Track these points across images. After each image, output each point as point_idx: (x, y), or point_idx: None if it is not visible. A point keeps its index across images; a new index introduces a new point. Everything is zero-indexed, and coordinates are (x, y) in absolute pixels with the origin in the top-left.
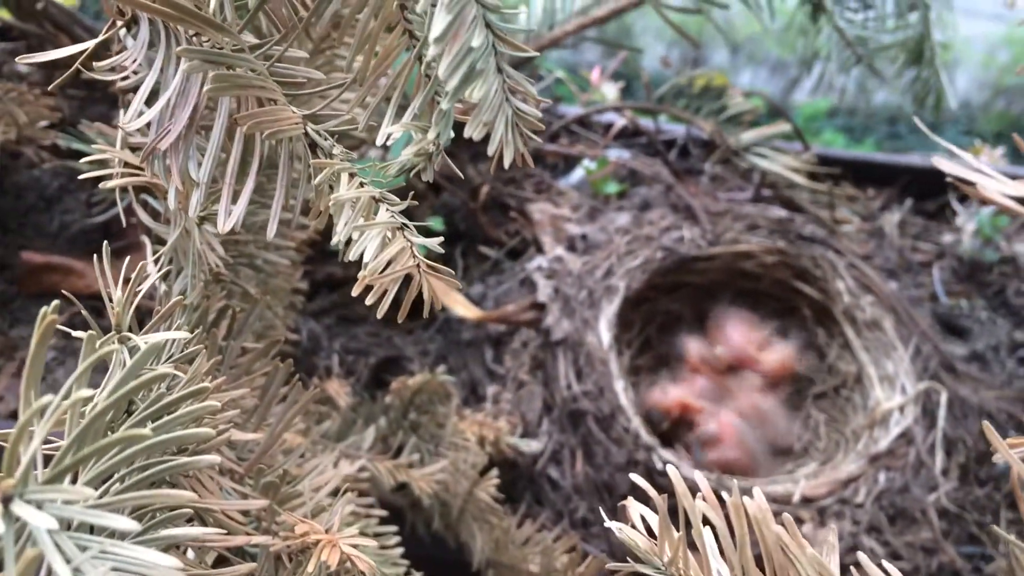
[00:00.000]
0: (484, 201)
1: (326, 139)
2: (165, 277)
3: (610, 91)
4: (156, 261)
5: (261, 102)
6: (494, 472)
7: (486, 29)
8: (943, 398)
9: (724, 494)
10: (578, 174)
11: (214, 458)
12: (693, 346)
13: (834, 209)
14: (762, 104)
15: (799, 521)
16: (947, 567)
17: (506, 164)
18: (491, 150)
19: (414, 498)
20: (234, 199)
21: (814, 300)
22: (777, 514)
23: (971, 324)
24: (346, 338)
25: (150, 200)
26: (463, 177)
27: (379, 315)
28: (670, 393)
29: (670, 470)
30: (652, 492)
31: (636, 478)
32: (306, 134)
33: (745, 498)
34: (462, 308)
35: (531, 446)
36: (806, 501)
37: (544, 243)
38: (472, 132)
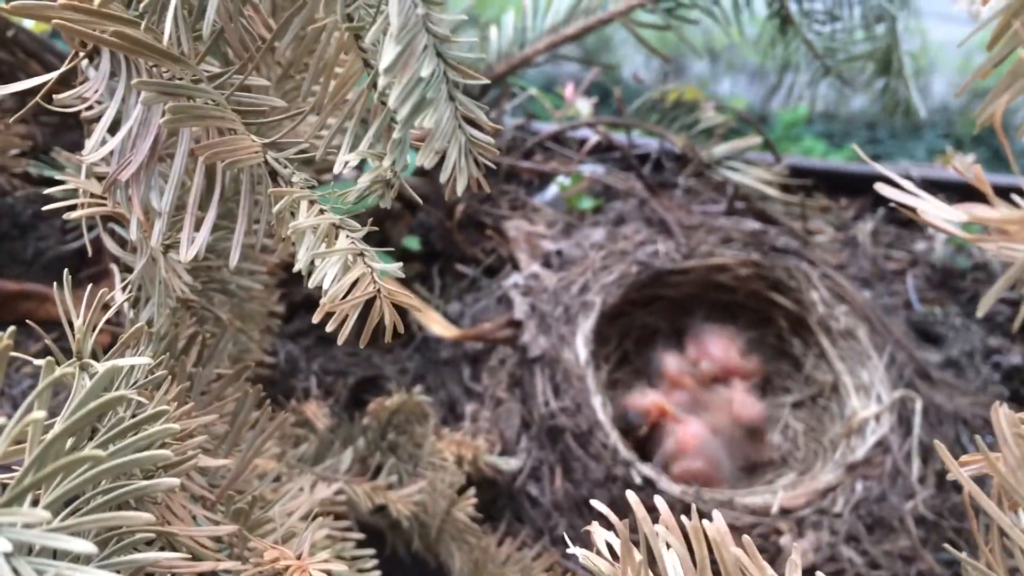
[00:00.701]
0: (460, 219)
1: (286, 167)
2: (135, 304)
3: (584, 107)
4: (124, 288)
5: (222, 131)
6: (472, 491)
7: (437, 58)
8: (918, 405)
9: (684, 517)
10: (553, 190)
11: (173, 481)
12: (671, 361)
13: (807, 220)
14: (735, 115)
15: (777, 532)
16: (926, 574)
17: (458, 191)
18: (443, 177)
19: (393, 519)
20: (197, 227)
21: (789, 311)
22: (755, 525)
23: (945, 331)
24: (324, 359)
25: (117, 228)
26: (438, 197)
27: (340, 341)
28: (648, 395)
29: (628, 495)
30: (613, 517)
31: (598, 504)
32: (266, 162)
33: (705, 521)
34: (439, 327)
35: (510, 464)
36: (784, 512)
37: (520, 260)
38: (424, 160)
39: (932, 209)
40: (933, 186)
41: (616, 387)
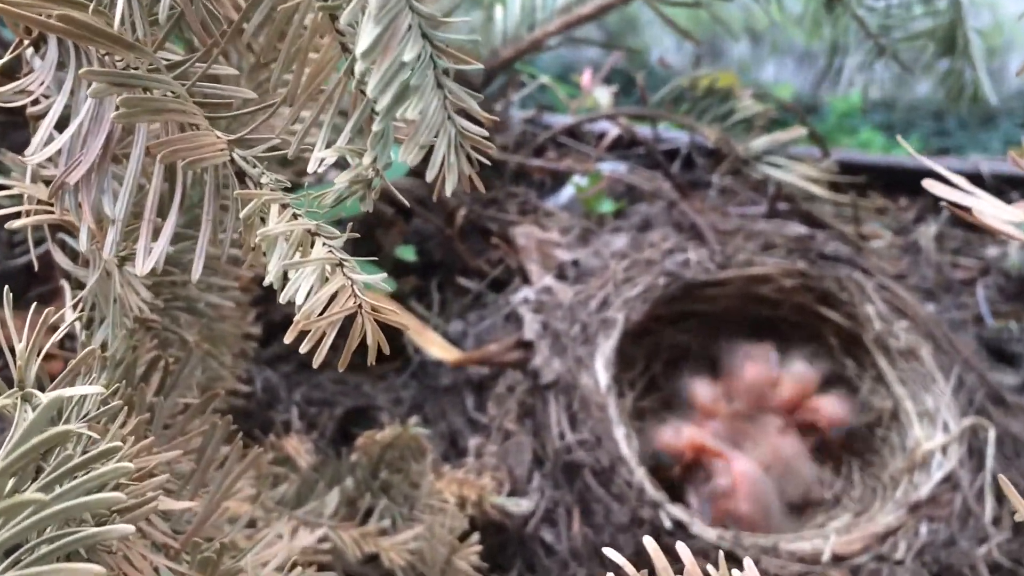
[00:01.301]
0: (461, 226)
1: (255, 166)
2: (88, 325)
3: (603, 96)
4: (76, 307)
5: (183, 127)
6: (476, 537)
7: (422, 41)
8: (991, 435)
9: (710, 568)
10: (568, 192)
11: (127, 528)
12: (702, 389)
13: (860, 223)
14: (777, 104)
15: None
16: None
17: (448, 190)
18: (430, 175)
19: (385, 570)
20: (156, 236)
21: (841, 327)
22: (803, 575)
23: (1022, 349)
24: (307, 387)
25: (68, 239)
26: (436, 199)
27: (315, 364)
28: (683, 433)
29: (646, 542)
30: (630, 570)
31: (612, 554)
32: (232, 161)
33: (736, 572)
34: (438, 349)
35: (520, 506)
36: (837, 559)
37: (530, 272)
38: (408, 156)
39: (989, 209)
40: (1008, 183)
41: (643, 417)
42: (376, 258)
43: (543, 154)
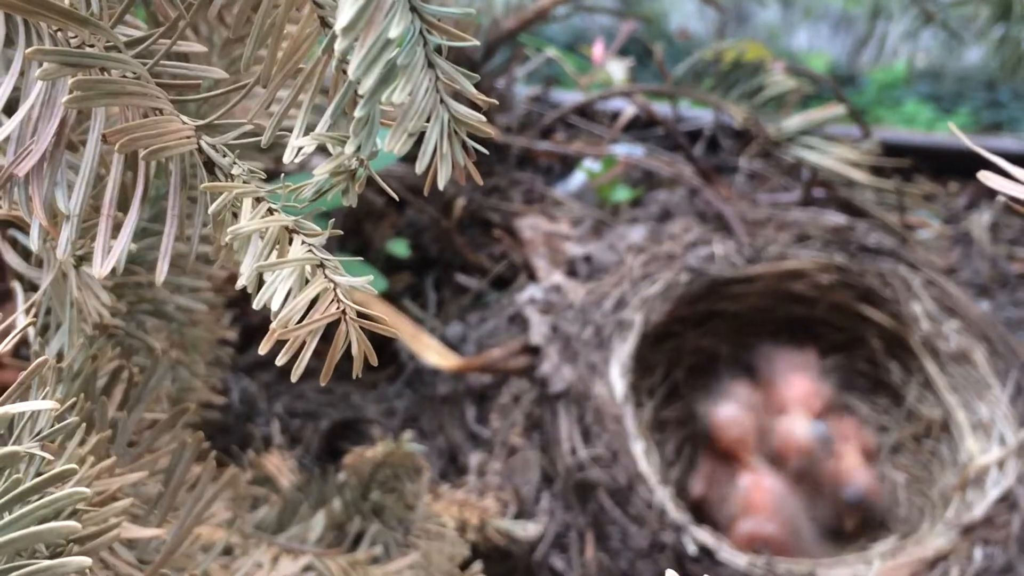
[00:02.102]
0: (460, 217)
1: (225, 155)
2: (43, 332)
3: (617, 71)
4: (29, 311)
5: (146, 111)
6: (478, 565)
7: (411, 14)
8: None
9: None
10: (579, 178)
11: (83, 560)
12: (725, 416)
13: (905, 211)
14: (811, 78)
15: None
16: None
17: (441, 182)
18: (420, 166)
19: None
20: (116, 233)
21: (884, 328)
22: None
23: None
24: (290, 397)
25: (20, 236)
26: (433, 188)
27: (294, 377)
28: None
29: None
30: None
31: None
32: (200, 149)
33: None
34: (435, 355)
35: (527, 529)
36: None
37: (537, 268)
38: (395, 144)
39: None
40: None
41: (664, 430)
42: (365, 254)
43: (551, 136)
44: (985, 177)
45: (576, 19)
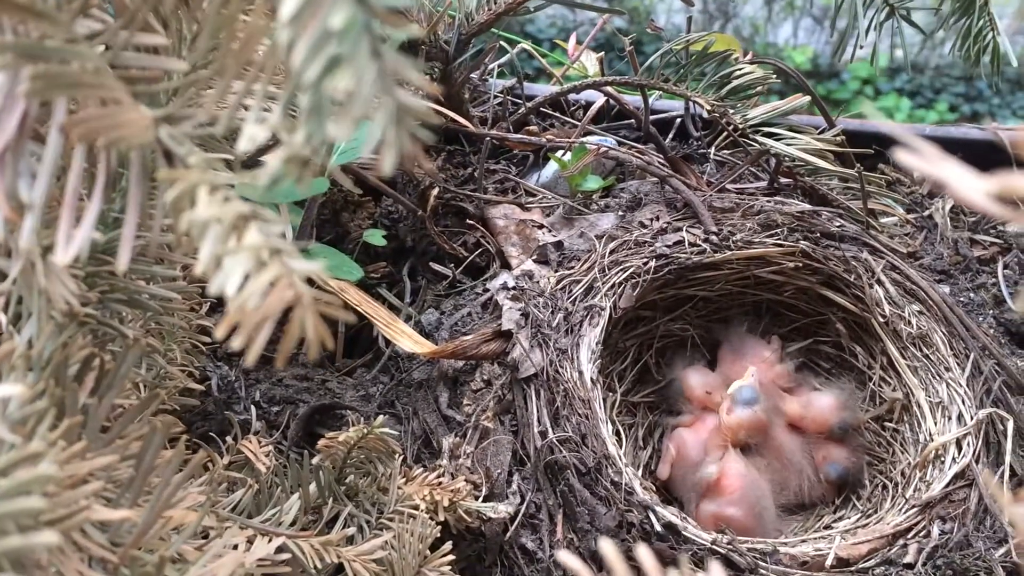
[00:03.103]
0: (435, 207)
1: (182, 144)
2: (16, 321)
3: (591, 63)
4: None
5: (105, 102)
6: (447, 546)
7: (355, 5)
8: (1010, 426)
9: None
10: (551, 168)
11: (50, 537)
12: (695, 378)
13: (869, 198)
14: (775, 69)
15: None
16: None
17: (386, 170)
18: (364, 154)
19: None
20: (79, 221)
21: (848, 312)
22: None
23: None
24: (268, 384)
25: None
26: (408, 178)
27: (249, 362)
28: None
29: (640, 551)
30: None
31: (606, 548)
32: (159, 140)
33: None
34: (410, 341)
35: (498, 510)
36: (842, 564)
37: (510, 256)
38: (339, 131)
39: (957, 179)
40: None
41: (635, 413)
42: (342, 244)
43: (525, 127)
44: (901, 156)
45: (566, 13)
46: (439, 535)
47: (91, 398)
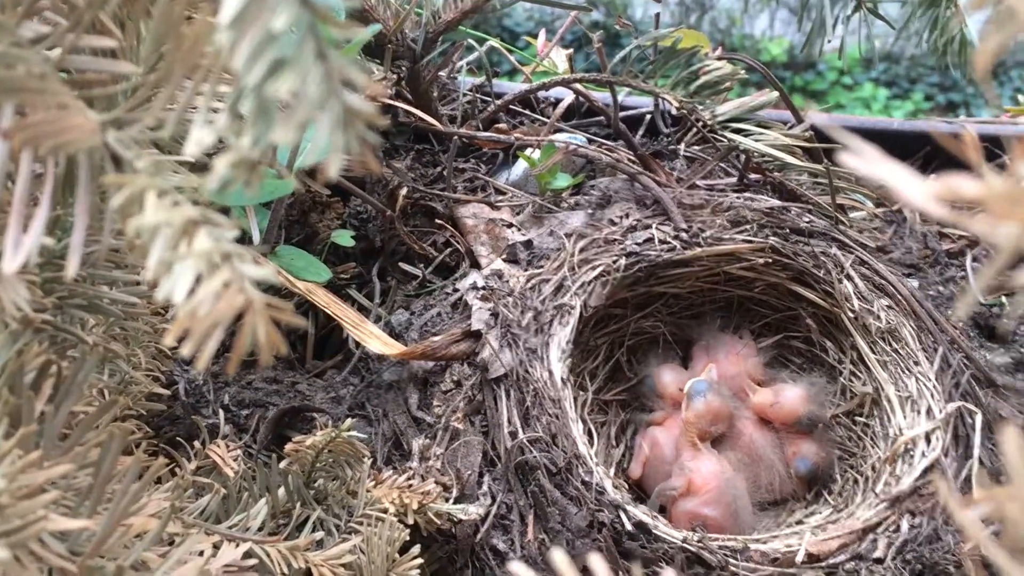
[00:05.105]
0: (404, 207)
1: (130, 148)
2: None
3: (560, 60)
4: None
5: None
6: (416, 549)
7: (300, 7)
8: (979, 420)
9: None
10: (521, 167)
11: (1, 554)
12: (669, 375)
13: (838, 193)
14: (745, 64)
15: None
16: None
17: (332, 174)
18: (309, 159)
19: None
20: (26, 227)
21: (818, 307)
22: None
23: (1015, 325)
24: (237, 387)
25: None
26: (376, 179)
27: (200, 365)
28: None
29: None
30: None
31: (557, 557)
32: (106, 144)
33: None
34: (379, 343)
35: (469, 512)
36: (812, 560)
37: (479, 255)
38: (283, 135)
39: (900, 181)
40: (1000, 144)
41: (606, 411)
42: (310, 245)
43: (494, 125)
44: (847, 158)
45: (543, 7)
46: (409, 538)
47: (48, 406)
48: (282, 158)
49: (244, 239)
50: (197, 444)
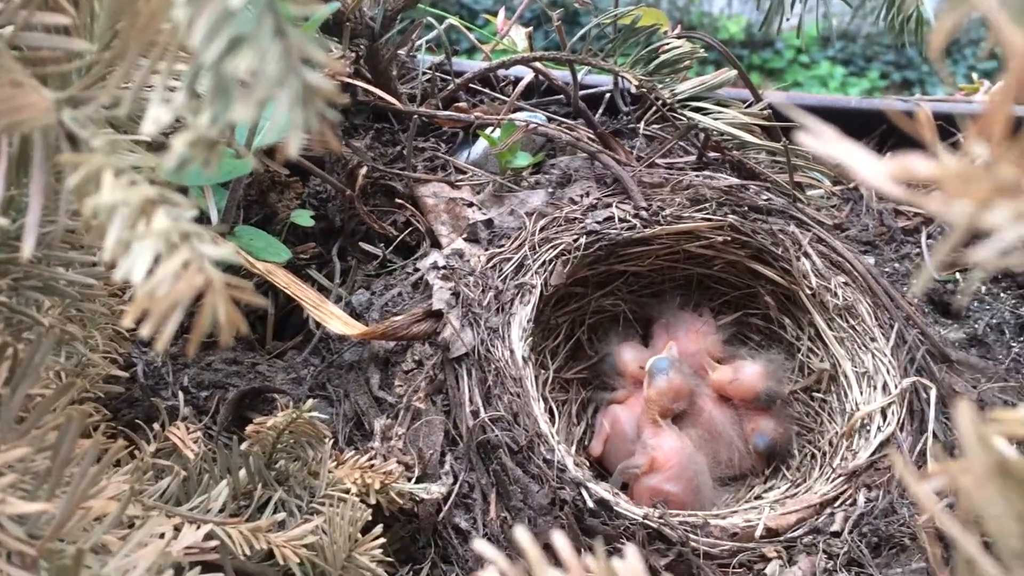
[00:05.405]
0: (364, 186)
1: (85, 127)
2: None
3: (520, 39)
4: None
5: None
6: (378, 529)
7: None
8: (933, 395)
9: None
10: (481, 146)
11: None
12: (630, 353)
13: (795, 171)
14: (704, 43)
15: (763, 560)
16: None
17: (291, 152)
18: (268, 138)
19: (285, 567)
20: None
21: (777, 284)
22: (736, 553)
23: (968, 301)
24: (197, 368)
25: None
26: (335, 157)
27: (160, 347)
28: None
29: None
30: (532, 551)
31: (520, 535)
32: (61, 122)
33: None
34: (340, 323)
35: (431, 491)
36: (771, 534)
37: (440, 234)
38: (242, 112)
39: (857, 162)
40: (958, 122)
41: (568, 389)
42: (269, 225)
43: (454, 104)
44: (803, 138)
45: None
46: (371, 518)
47: (5, 388)
48: (240, 137)
49: (202, 219)
50: (156, 426)
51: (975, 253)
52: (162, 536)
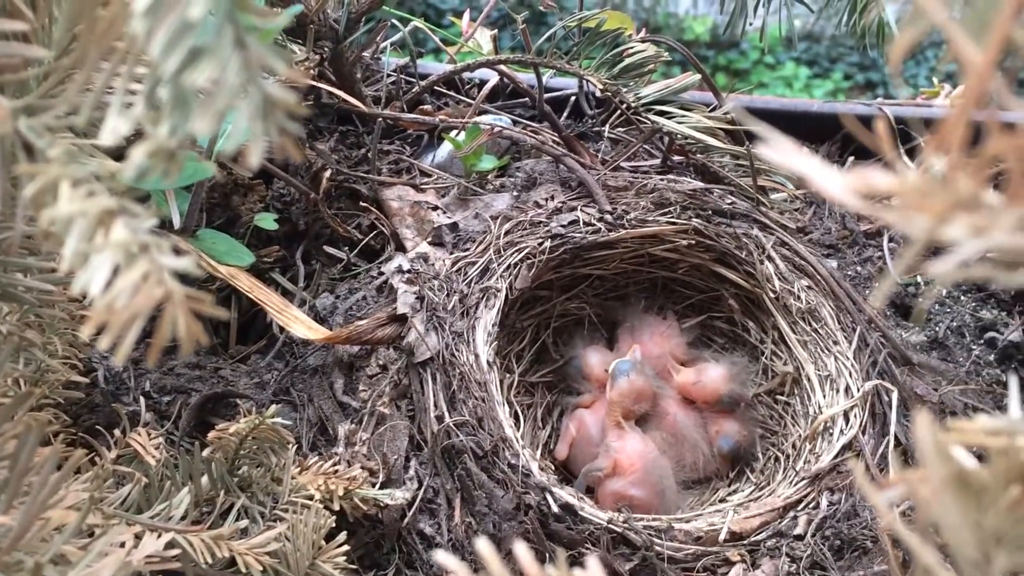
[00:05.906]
0: (328, 189)
1: (41, 136)
2: None
3: (485, 41)
4: None
5: None
6: (342, 536)
7: None
8: (895, 397)
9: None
10: (446, 149)
11: None
12: (595, 357)
13: (759, 175)
14: (667, 47)
15: (727, 564)
16: None
17: (253, 163)
18: (229, 146)
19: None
20: None
21: (740, 288)
22: (700, 557)
23: (930, 305)
24: (158, 373)
25: None
26: (300, 161)
27: (120, 359)
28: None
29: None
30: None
31: (482, 546)
32: (17, 131)
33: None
34: (303, 327)
35: (395, 497)
36: (735, 537)
37: (405, 238)
38: (202, 124)
39: (817, 175)
40: (919, 126)
41: (533, 393)
42: (233, 228)
43: (419, 107)
44: (768, 152)
45: None
46: (335, 524)
47: None
48: (202, 142)
49: (164, 223)
50: (117, 432)
51: (934, 267)
52: (123, 545)
